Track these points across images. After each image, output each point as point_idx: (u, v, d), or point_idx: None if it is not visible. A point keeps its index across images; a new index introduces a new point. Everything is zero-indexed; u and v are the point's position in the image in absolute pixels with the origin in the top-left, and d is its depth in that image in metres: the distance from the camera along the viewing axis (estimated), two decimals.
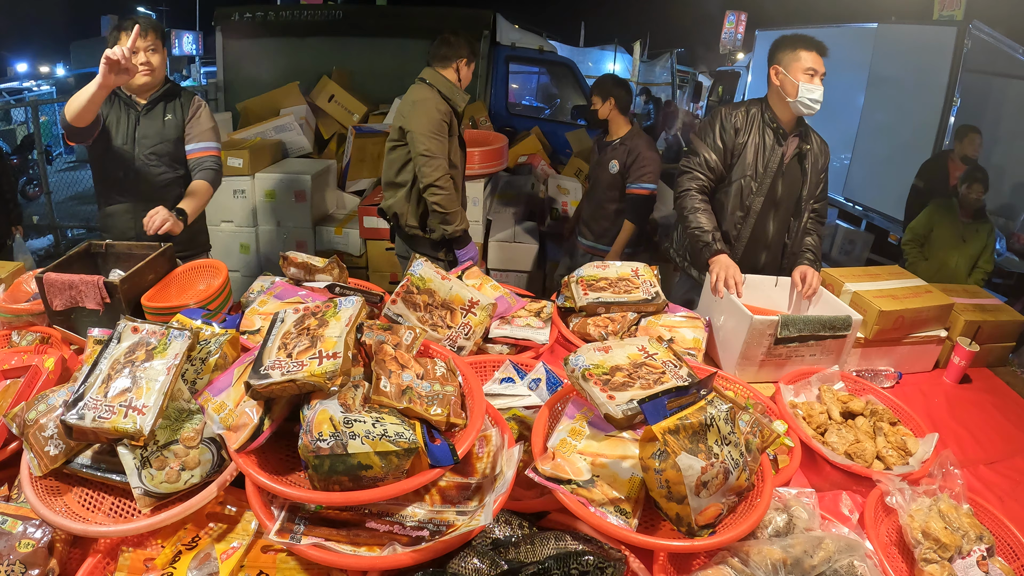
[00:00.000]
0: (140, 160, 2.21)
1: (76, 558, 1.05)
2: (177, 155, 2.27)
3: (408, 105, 2.48)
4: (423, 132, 2.40)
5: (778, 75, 2.04)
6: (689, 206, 2.10)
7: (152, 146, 2.21)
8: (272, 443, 1.11)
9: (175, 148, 2.26)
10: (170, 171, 2.26)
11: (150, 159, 2.22)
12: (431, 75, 2.53)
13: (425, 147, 2.40)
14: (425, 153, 2.41)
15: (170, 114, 2.24)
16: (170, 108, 2.24)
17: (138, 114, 2.20)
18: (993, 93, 5.03)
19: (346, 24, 4.98)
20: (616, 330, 1.73)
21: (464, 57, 2.56)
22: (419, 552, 0.94)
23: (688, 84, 14.91)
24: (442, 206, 2.46)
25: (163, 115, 2.23)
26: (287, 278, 1.77)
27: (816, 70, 1.99)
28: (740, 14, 13.04)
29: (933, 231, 3.66)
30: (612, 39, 14.71)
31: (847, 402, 1.60)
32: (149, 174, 2.23)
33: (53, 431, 1.08)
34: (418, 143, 2.41)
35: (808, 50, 2.00)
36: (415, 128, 2.42)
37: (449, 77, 2.53)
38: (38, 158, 6.01)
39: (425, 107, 2.43)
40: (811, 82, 1.98)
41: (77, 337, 1.59)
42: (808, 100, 1.99)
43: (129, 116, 2.19)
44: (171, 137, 2.24)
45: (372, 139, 4.16)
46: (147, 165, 2.22)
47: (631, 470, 1.05)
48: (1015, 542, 1.27)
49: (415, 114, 2.43)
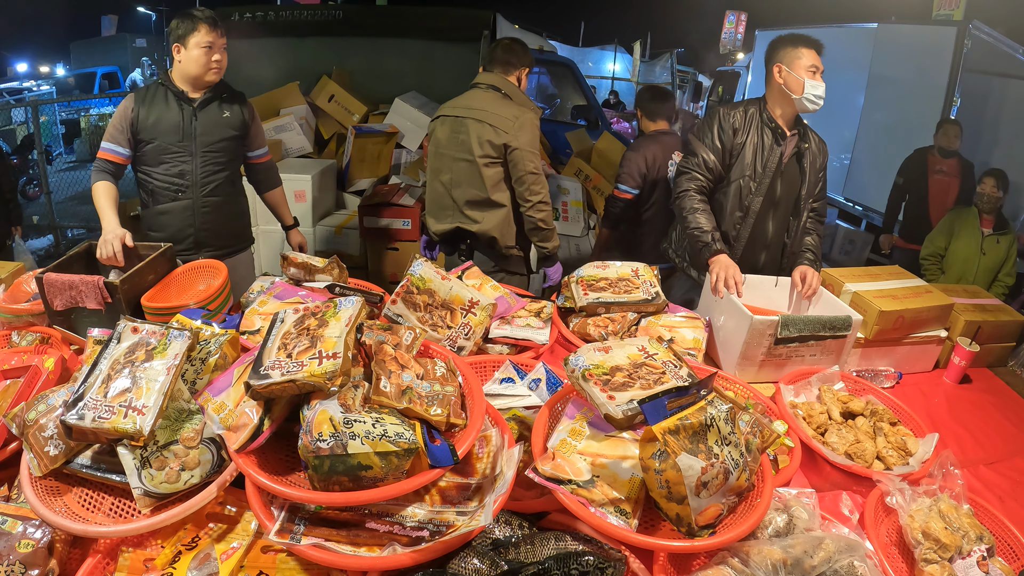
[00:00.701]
0: (200, 156, 2.19)
1: (76, 558, 1.05)
2: (234, 152, 2.29)
3: (509, 121, 2.28)
4: (531, 149, 2.30)
5: (781, 73, 2.04)
6: (688, 206, 2.10)
7: (212, 143, 2.20)
8: (272, 443, 1.11)
9: (232, 145, 2.27)
10: (227, 167, 2.27)
11: (209, 155, 2.21)
12: (503, 83, 2.38)
13: (534, 164, 2.31)
14: (534, 171, 2.31)
15: (227, 111, 2.23)
16: (225, 106, 2.23)
17: (192, 109, 2.16)
18: (993, 93, 5.03)
19: (346, 24, 4.97)
20: (616, 330, 1.73)
21: (527, 67, 2.46)
22: (419, 552, 0.94)
23: (688, 84, 14.92)
24: (547, 223, 2.37)
25: (220, 111, 2.21)
26: (287, 278, 1.77)
27: (817, 67, 2.01)
28: (740, 14, 13.05)
29: (951, 243, 3.49)
30: (612, 39, 14.75)
31: (847, 402, 1.60)
32: (208, 170, 2.22)
33: (53, 431, 1.08)
34: (527, 161, 2.30)
35: (808, 47, 2.02)
36: (523, 145, 2.29)
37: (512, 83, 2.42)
38: (38, 158, 6.01)
39: (529, 123, 2.31)
40: (815, 79, 2.00)
41: (77, 337, 1.59)
42: (813, 96, 2.00)
43: (183, 111, 2.15)
44: (230, 136, 2.24)
45: (372, 139, 4.16)
46: (207, 162, 2.21)
47: (631, 470, 1.05)
48: (1015, 542, 1.27)
49: (521, 131, 2.29)
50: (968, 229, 3.43)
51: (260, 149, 2.42)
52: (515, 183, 2.34)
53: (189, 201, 2.22)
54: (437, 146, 2.45)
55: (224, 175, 2.27)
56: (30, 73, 15.98)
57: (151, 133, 2.12)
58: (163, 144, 2.14)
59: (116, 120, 2.13)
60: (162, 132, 2.13)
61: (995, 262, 3.38)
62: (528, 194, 2.33)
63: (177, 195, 2.21)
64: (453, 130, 2.38)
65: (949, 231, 3.52)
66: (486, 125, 2.31)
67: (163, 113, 2.13)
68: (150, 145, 2.14)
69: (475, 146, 2.32)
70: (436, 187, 2.49)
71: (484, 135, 2.31)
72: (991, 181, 3.37)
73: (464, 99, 2.41)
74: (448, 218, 2.48)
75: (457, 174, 2.40)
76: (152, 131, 2.12)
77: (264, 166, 2.46)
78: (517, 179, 2.33)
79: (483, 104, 2.34)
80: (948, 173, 4.09)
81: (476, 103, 2.35)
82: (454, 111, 2.40)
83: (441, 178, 2.45)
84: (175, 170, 2.18)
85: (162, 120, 2.13)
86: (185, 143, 2.16)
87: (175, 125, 2.14)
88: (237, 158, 2.33)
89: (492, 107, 2.32)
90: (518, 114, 2.30)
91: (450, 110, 2.42)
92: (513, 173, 2.33)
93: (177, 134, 2.14)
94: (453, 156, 2.39)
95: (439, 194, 2.48)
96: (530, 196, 2.33)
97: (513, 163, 2.31)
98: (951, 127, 4.14)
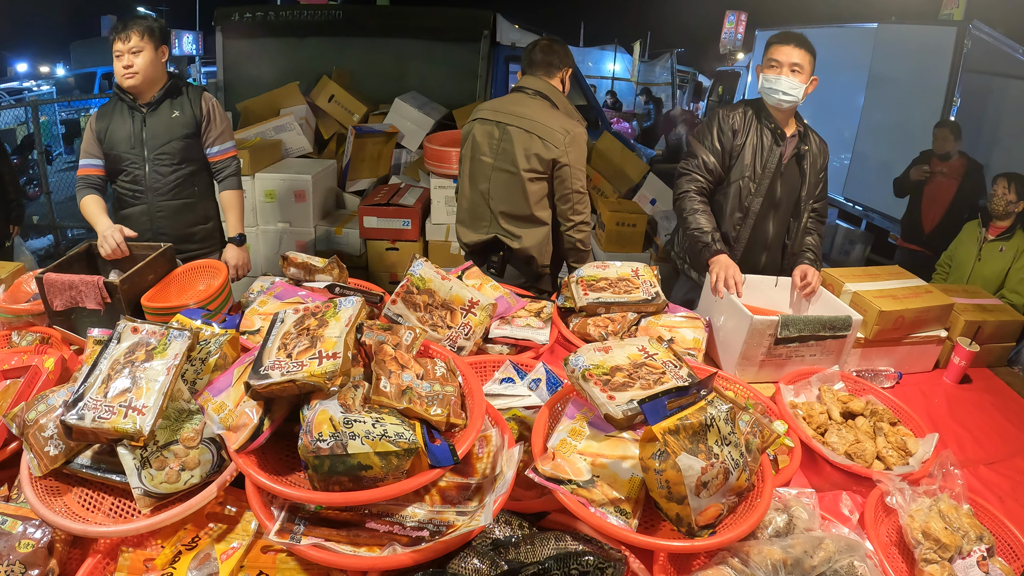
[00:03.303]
0: (151, 161, 2.20)
1: (76, 558, 1.05)
2: (187, 153, 2.25)
3: (560, 136, 2.13)
4: (580, 167, 2.18)
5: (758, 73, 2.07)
6: (688, 207, 2.10)
7: (161, 146, 2.20)
8: (272, 443, 1.11)
9: (184, 145, 2.23)
10: (181, 168, 2.24)
11: (160, 159, 2.20)
12: (550, 89, 2.23)
13: (581, 183, 2.19)
14: (580, 190, 2.20)
15: (176, 111, 2.21)
16: (176, 105, 2.21)
17: (143, 115, 2.18)
18: (993, 93, 5.03)
19: (346, 24, 4.97)
20: (616, 330, 1.73)
21: (570, 67, 2.30)
22: (419, 552, 0.94)
23: (688, 84, 14.92)
24: (585, 244, 2.27)
25: (169, 112, 2.20)
26: (287, 278, 1.77)
27: (779, 61, 2.00)
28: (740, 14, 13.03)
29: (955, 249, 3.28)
30: (612, 39, 14.74)
31: (847, 402, 1.60)
32: (160, 174, 2.22)
33: (53, 431, 1.08)
34: (576, 180, 2.18)
35: (776, 43, 2.02)
36: (574, 163, 2.16)
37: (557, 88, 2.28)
38: (38, 158, 6.01)
39: (580, 139, 2.17)
40: (771, 72, 2.01)
41: (77, 337, 1.59)
42: (766, 88, 2.02)
43: (134, 118, 2.18)
44: (179, 135, 2.21)
45: (372, 139, 4.16)
46: (158, 165, 2.21)
47: (631, 470, 1.05)
48: (1015, 542, 1.27)
49: (572, 147, 2.14)
50: (968, 234, 3.23)
51: (217, 146, 2.31)
52: (558, 200, 2.23)
53: (145, 206, 2.24)
54: (475, 151, 2.29)
55: (178, 176, 2.24)
56: (30, 73, 15.98)
57: (109, 145, 2.18)
58: (118, 153, 2.19)
59: (86, 136, 2.21)
60: (117, 142, 2.18)
61: (995, 271, 3.02)
62: (571, 213, 2.22)
63: (134, 201, 2.25)
64: (495, 137, 2.23)
65: (958, 238, 3.30)
66: (535, 138, 2.15)
67: (118, 124, 2.17)
68: (110, 156, 2.20)
69: (520, 159, 2.17)
70: (473, 196, 2.34)
71: (532, 148, 2.16)
72: (1004, 183, 3.08)
73: (508, 104, 2.25)
74: (484, 229, 2.34)
75: (497, 185, 2.26)
76: (110, 143, 2.18)
77: (219, 164, 2.34)
78: (561, 196, 2.21)
79: (531, 113, 2.17)
80: (947, 174, 4.09)
81: (523, 111, 2.19)
82: (497, 115, 2.23)
83: (480, 187, 2.30)
84: (129, 177, 2.22)
85: (116, 131, 2.17)
86: (136, 150, 2.18)
87: (128, 134, 2.17)
88: (193, 158, 2.27)
89: (541, 118, 2.16)
90: (569, 128, 2.15)
91: (492, 114, 2.25)
92: (558, 190, 2.21)
93: (129, 142, 2.17)
94: (493, 165, 2.24)
95: (475, 204, 2.34)
96: (573, 216, 2.22)
97: (560, 179, 2.18)
98: (941, 130, 4.11)
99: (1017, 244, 3.01)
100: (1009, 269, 2.98)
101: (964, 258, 3.19)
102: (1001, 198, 3.06)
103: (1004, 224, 3.08)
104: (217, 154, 2.33)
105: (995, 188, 3.12)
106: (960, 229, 3.33)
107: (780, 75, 2.00)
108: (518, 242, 2.29)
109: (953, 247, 3.32)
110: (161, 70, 2.19)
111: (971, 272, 3.11)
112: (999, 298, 2.76)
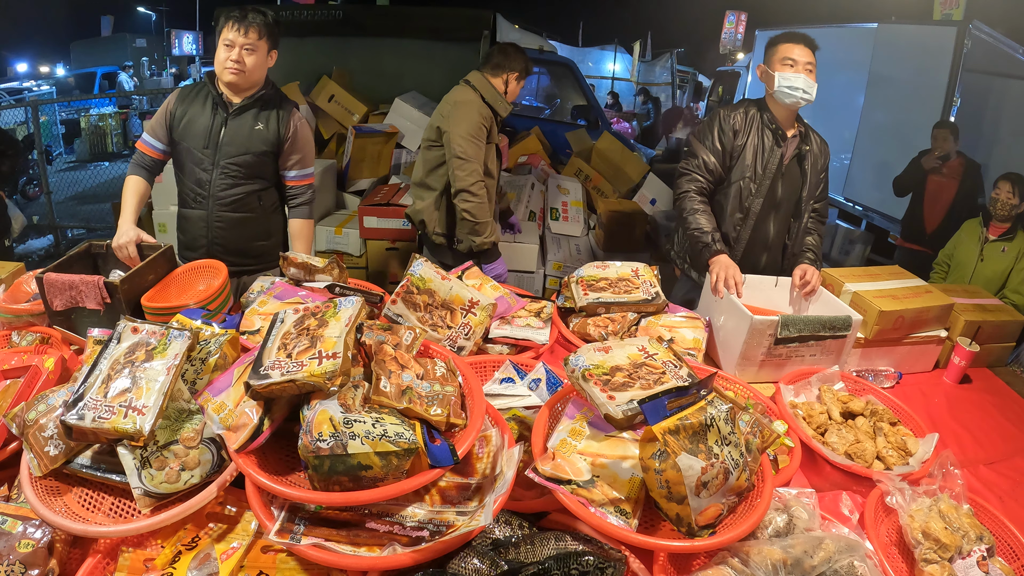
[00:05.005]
0: (219, 167, 2.04)
1: (76, 558, 1.05)
2: (260, 169, 2.09)
3: (449, 105, 2.38)
4: (461, 134, 2.30)
5: (763, 73, 2.06)
6: (688, 208, 2.10)
7: (235, 155, 2.03)
8: (272, 443, 1.11)
9: (259, 161, 2.07)
10: (248, 184, 2.08)
11: (229, 169, 2.04)
12: (478, 80, 2.45)
13: (461, 149, 2.29)
14: (461, 156, 2.29)
15: (261, 123, 2.04)
16: (262, 117, 2.05)
17: (226, 116, 2.02)
18: (993, 93, 5.02)
19: (346, 24, 4.97)
20: (616, 330, 1.73)
21: (517, 72, 2.47)
22: (419, 552, 0.94)
23: (688, 84, 14.92)
24: (472, 214, 2.33)
25: (253, 123, 2.04)
26: (287, 278, 1.77)
27: (795, 60, 1.99)
28: (740, 14, 13.04)
29: (955, 249, 3.26)
30: (612, 39, 14.74)
31: (847, 402, 1.60)
32: (226, 184, 2.06)
33: (53, 431, 1.08)
34: (455, 145, 2.30)
35: (788, 43, 2.01)
36: (453, 129, 2.31)
37: (496, 86, 2.45)
38: (38, 158, 6.01)
39: (467, 109, 2.34)
40: (788, 70, 1.99)
41: (77, 337, 1.59)
42: (785, 88, 1.99)
43: (216, 116, 2.02)
44: (257, 150, 2.05)
45: (372, 139, 4.16)
46: (226, 176, 2.05)
47: (631, 470, 1.05)
48: (1015, 542, 1.27)
49: (455, 115, 2.33)
50: (969, 234, 3.22)
51: (295, 170, 2.16)
52: (447, 167, 2.39)
53: (204, 212, 2.09)
54: None
55: (244, 191, 2.08)
56: (30, 73, 15.97)
57: (181, 134, 2.03)
58: (189, 147, 2.04)
59: (159, 112, 2.06)
60: (191, 135, 2.02)
61: (996, 271, 3.02)
62: (454, 180, 2.36)
63: (195, 203, 2.10)
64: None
65: (957, 236, 3.30)
66: (437, 112, 2.45)
67: (196, 115, 2.02)
68: (180, 146, 2.05)
69: (426, 131, 2.48)
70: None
71: (434, 121, 2.44)
72: (1006, 185, 3.04)
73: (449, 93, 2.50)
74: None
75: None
76: (183, 132, 2.03)
77: (294, 190, 2.19)
78: (447, 163, 2.39)
79: (449, 96, 2.44)
80: (946, 174, 4.09)
81: (448, 96, 2.46)
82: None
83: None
84: (195, 177, 2.07)
85: (193, 123, 2.02)
86: (208, 151, 2.03)
87: (204, 130, 2.02)
88: (265, 175, 2.12)
89: (451, 96, 2.43)
90: (460, 100, 2.37)
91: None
92: (446, 157, 2.39)
93: (203, 139, 2.02)
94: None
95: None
96: (455, 182, 2.35)
97: (445, 146, 2.37)
98: (940, 131, 4.11)
99: (1019, 245, 3.00)
100: (1011, 269, 2.98)
101: (966, 258, 3.18)
102: (1005, 202, 3.05)
103: (1004, 224, 3.08)
104: (294, 179, 2.17)
105: (998, 190, 3.09)
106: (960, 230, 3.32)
107: (799, 73, 1.98)
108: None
109: (952, 246, 3.31)
110: (263, 74, 2.05)
111: (973, 272, 3.09)
112: (1000, 298, 2.80)
